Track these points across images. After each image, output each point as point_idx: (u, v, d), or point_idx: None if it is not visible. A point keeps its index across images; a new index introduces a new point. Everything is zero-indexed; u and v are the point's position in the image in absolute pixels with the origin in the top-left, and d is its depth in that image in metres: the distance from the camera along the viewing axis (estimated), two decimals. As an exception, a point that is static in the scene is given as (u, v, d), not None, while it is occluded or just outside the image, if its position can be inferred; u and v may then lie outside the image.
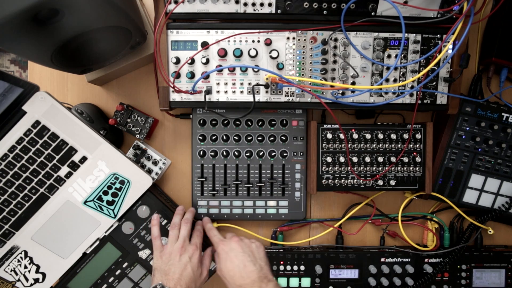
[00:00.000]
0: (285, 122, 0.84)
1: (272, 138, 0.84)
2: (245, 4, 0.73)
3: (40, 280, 0.78)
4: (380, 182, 0.82)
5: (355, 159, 0.81)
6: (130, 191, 0.79)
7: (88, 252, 0.79)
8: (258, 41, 0.76)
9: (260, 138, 0.84)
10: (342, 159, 0.81)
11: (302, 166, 0.84)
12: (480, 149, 0.85)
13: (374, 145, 0.81)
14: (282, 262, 0.83)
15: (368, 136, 0.81)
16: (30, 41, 0.58)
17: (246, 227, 0.87)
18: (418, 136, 0.82)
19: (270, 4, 0.73)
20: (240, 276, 0.68)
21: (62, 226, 0.78)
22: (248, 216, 0.85)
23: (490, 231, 0.87)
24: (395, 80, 0.78)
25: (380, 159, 0.81)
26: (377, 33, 0.76)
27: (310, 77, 0.77)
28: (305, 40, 0.76)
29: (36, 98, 0.75)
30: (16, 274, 0.78)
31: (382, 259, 0.84)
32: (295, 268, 0.83)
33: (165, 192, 0.89)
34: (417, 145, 0.82)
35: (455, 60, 0.77)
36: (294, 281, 0.83)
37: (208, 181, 0.84)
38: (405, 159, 0.82)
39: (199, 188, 0.84)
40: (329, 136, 0.81)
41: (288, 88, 0.77)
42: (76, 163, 0.77)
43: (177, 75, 0.76)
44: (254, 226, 0.89)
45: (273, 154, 0.84)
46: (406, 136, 0.81)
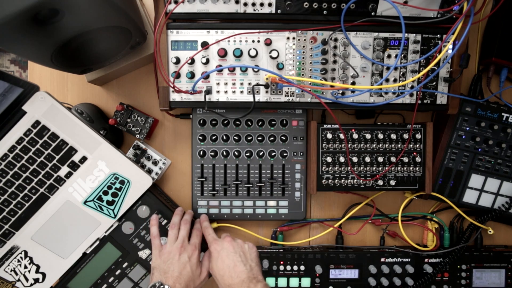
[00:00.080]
0: (285, 122, 0.84)
1: (272, 138, 0.84)
2: (245, 4, 0.73)
3: (40, 280, 0.78)
4: (380, 182, 0.82)
5: (355, 159, 0.81)
6: (130, 191, 0.79)
7: (88, 252, 0.79)
8: (258, 41, 0.76)
9: (260, 138, 0.84)
10: (342, 159, 0.81)
11: (302, 166, 0.84)
12: (480, 149, 0.85)
13: (374, 145, 0.81)
14: (282, 262, 0.83)
15: (368, 136, 0.81)
16: (30, 41, 0.58)
17: (246, 227, 0.87)
18: (418, 136, 0.82)
19: (270, 4, 0.73)
20: (230, 276, 0.68)
21: (62, 226, 0.78)
22: (248, 216, 0.85)
23: (490, 231, 0.87)
24: (395, 80, 0.78)
25: (380, 159, 0.81)
26: (377, 33, 0.76)
27: (310, 77, 0.77)
28: (305, 40, 0.76)
29: (36, 98, 0.75)
30: (16, 274, 0.78)
31: (382, 259, 0.84)
32: (295, 268, 0.83)
33: (165, 192, 0.89)
34: (417, 145, 0.82)
35: (455, 60, 0.77)
36: (294, 281, 0.83)
37: (208, 181, 0.84)
38: (405, 159, 0.82)
39: (199, 188, 0.84)
40: (329, 136, 0.81)
41: (288, 88, 0.77)
42: (76, 163, 0.77)
43: (177, 75, 0.76)
44: (254, 226, 0.89)
45: (273, 154, 0.84)
46: (406, 136, 0.81)
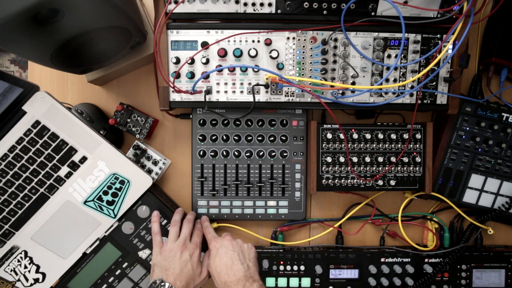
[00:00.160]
0: (285, 122, 0.84)
1: (272, 138, 0.84)
2: (245, 4, 0.73)
3: (40, 280, 0.78)
4: (380, 182, 0.82)
5: (355, 159, 0.81)
6: (130, 191, 0.79)
7: (88, 252, 0.79)
8: (258, 41, 0.76)
9: (260, 138, 0.84)
10: (342, 159, 0.81)
11: (302, 166, 0.84)
12: (480, 149, 0.85)
13: (374, 145, 0.81)
14: (282, 262, 0.83)
15: (368, 136, 0.81)
16: (30, 41, 0.58)
17: (246, 227, 0.87)
18: (418, 136, 0.82)
19: (270, 4, 0.73)
20: (226, 273, 0.69)
21: (62, 226, 0.78)
22: (248, 216, 0.85)
23: (490, 231, 0.87)
24: (395, 80, 0.78)
25: (380, 159, 0.81)
26: (377, 33, 0.76)
27: (310, 77, 0.77)
28: (305, 40, 0.76)
29: (36, 98, 0.75)
30: (16, 274, 0.78)
31: (382, 259, 0.84)
32: (295, 268, 0.83)
33: (165, 192, 0.89)
34: (417, 145, 0.82)
35: (455, 60, 0.77)
36: (294, 281, 0.83)
37: (208, 181, 0.84)
38: (405, 159, 0.82)
39: (199, 188, 0.84)
40: (329, 136, 0.81)
41: (288, 88, 0.77)
42: (76, 163, 0.77)
43: (177, 75, 0.76)
44: (254, 226, 0.89)
45: (273, 154, 0.84)
46: (406, 136, 0.81)
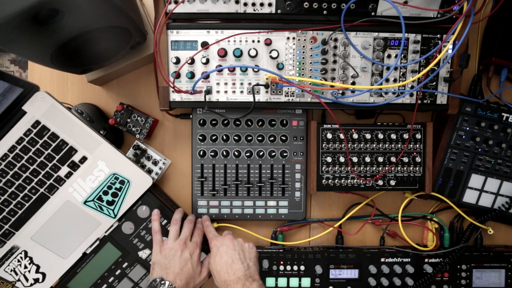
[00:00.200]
0: (285, 122, 0.84)
1: (272, 138, 0.84)
2: (245, 4, 0.73)
3: (40, 280, 0.78)
4: (380, 182, 0.82)
5: (355, 159, 0.81)
6: (130, 191, 0.79)
7: (88, 252, 0.79)
8: (258, 41, 0.76)
9: (260, 138, 0.84)
10: (342, 159, 0.81)
11: (302, 166, 0.84)
12: (480, 149, 0.85)
13: (374, 145, 0.81)
14: (282, 262, 0.83)
15: (368, 136, 0.81)
16: (30, 41, 0.58)
17: (246, 227, 0.87)
18: (418, 136, 0.82)
19: (270, 4, 0.73)
20: (226, 272, 0.69)
21: (62, 226, 0.78)
22: (248, 216, 0.85)
23: (490, 231, 0.87)
24: (395, 80, 0.78)
25: (380, 159, 0.81)
26: (377, 33, 0.76)
27: (310, 77, 0.77)
28: (305, 40, 0.76)
29: (36, 98, 0.75)
30: (16, 274, 0.78)
31: (382, 259, 0.84)
32: (295, 268, 0.83)
33: (165, 192, 0.89)
34: (417, 145, 0.82)
35: (455, 60, 0.77)
36: (294, 281, 0.83)
37: (208, 181, 0.84)
38: (405, 159, 0.82)
39: (199, 188, 0.84)
40: (329, 136, 0.81)
41: (288, 88, 0.77)
42: (76, 163, 0.77)
43: (177, 75, 0.76)
44: (254, 226, 0.89)
45: (273, 154, 0.84)
46: (406, 136, 0.81)
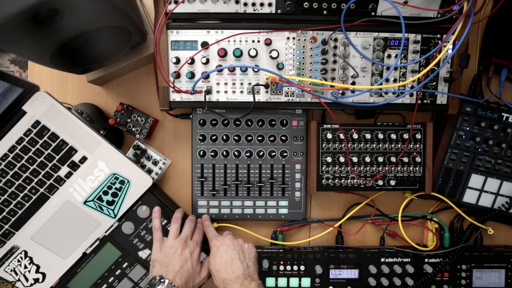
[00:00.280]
0: (285, 122, 0.84)
1: (272, 138, 0.84)
2: (245, 4, 0.73)
3: (40, 280, 0.78)
4: (380, 182, 0.82)
5: (355, 159, 0.81)
6: (130, 191, 0.79)
7: (88, 252, 0.79)
8: (258, 41, 0.76)
9: (260, 138, 0.83)
10: (342, 159, 0.81)
11: (302, 166, 0.84)
12: (480, 149, 0.85)
13: (374, 145, 0.81)
14: (282, 262, 0.83)
15: (368, 136, 0.81)
16: (30, 41, 0.58)
17: (246, 227, 0.87)
18: (418, 136, 0.82)
19: (270, 4, 0.73)
20: (225, 270, 0.69)
21: (62, 226, 0.78)
22: (248, 216, 0.85)
23: (490, 231, 0.87)
24: (395, 80, 0.78)
25: (380, 159, 0.81)
26: (377, 33, 0.76)
27: (310, 77, 0.77)
28: (305, 40, 0.76)
29: (36, 98, 0.75)
30: (16, 274, 0.78)
31: (382, 259, 0.84)
32: (295, 268, 0.83)
33: (165, 192, 0.89)
34: (417, 145, 0.82)
35: (455, 60, 0.77)
36: (294, 281, 0.83)
37: (208, 181, 0.84)
38: (405, 159, 0.82)
39: (199, 188, 0.84)
40: (329, 136, 0.81)
41: (288, 88, 0.77)
42: (76, 163, 0.77)
43: (177, 75, 0.76)
44: (254, 226, 0.89)
45: (273, 154, 0.84)
46: (406, 136, 0.81)
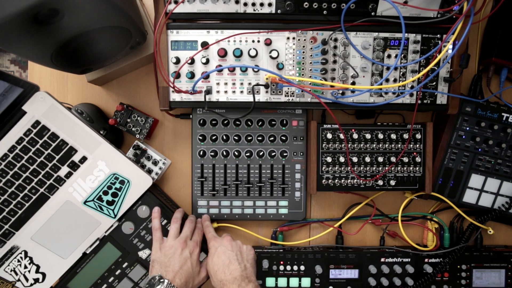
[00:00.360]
0: (285, 122, 0.84)
1: (272, 138, 0.84)
2: (245, 4, 0.73)
3: (40, 280, 0.78)
4: (380, 182, 0.82)
5: (355, 159, 0.81)
6: (130, 191, 0.79)
7: (88, 252, 0.79)
8: (258, 41, 0.76)
9: (260, 138, 0.83)
10: (342, 159, 0.81)
11: (302, 166, 0.84)
12: (480, 149, 0.85)
13: (374, 145, 0.81)
14: (282, 262, 0.83)
15: (368, 136, 0.81)
16: (30, 41, 0.58)
17: (246, 227, 0.87)
18: (418, 136, 0.82)
19: (270, 4, 0.73)
20: (223, 271, 0.69)
21: (62, 226, 0.78)
22: (248, 216, 0.85)
23: (490, 231, 0.87)
24: (395, 80, 0.78)
25: (380, 159, 0.81)
26: (377, 33, 0.76)
27: (310, 77, 0.77)
28: (305, 40, 0.76)
29: (36, 98, 0.75)
30: (16, 274, 0.78)
31: (382, 259, 0.84)
32: (295, 268, 0.83)
33: (165, 192, 0.89)
34: (417, 145, 0.82)
35: (455, 60, 0.77)
36: (294, 281, 0.83)
37: (208, 181, 0.84)
38: (405, 159, 0.82)
39: (199, 188, 0.84)
40: (329, 136, 0.81)
41: (288, 88, 0.77)
42: (76, 163, 0.77)
43: (177, 75, 0.76)
44: (254, 226, 0.89)
45: (273, 154, 0.84)
46: (406, 136, 0.81)
